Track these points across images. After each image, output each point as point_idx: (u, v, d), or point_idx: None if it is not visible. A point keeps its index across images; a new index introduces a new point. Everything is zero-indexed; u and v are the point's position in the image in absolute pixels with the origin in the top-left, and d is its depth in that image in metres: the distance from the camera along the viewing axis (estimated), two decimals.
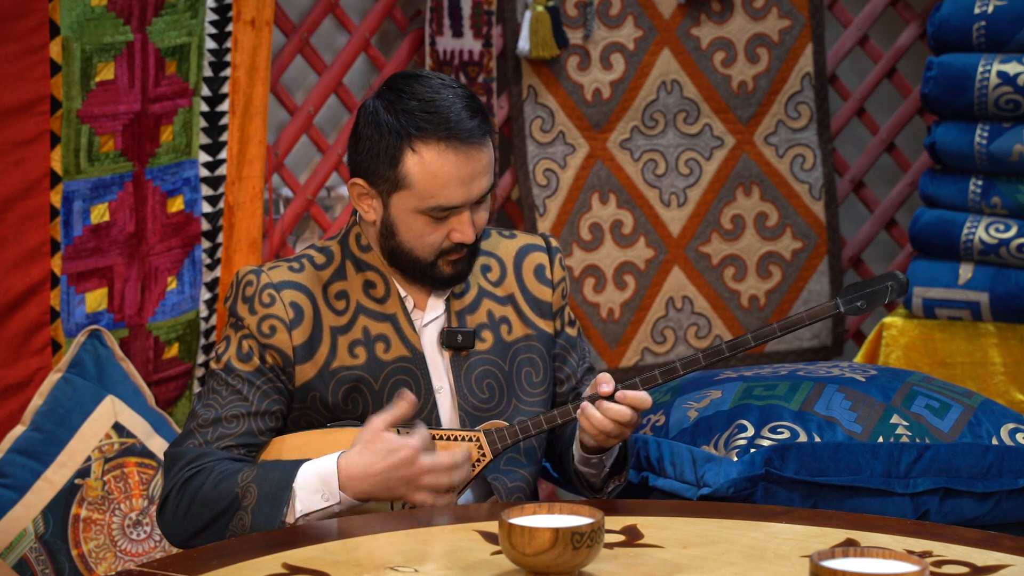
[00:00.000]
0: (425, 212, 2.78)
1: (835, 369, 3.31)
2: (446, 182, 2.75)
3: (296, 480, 2.70)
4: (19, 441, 3.54)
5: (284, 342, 2.81)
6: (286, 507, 2.69)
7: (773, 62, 4.53)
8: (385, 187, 2.79)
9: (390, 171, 2.77)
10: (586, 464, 2.85)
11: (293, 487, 2.70)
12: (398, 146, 2.76)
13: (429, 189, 2.75)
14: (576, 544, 2.28)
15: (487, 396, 2.88)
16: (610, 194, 4.50)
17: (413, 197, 2.77)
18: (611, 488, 2.89)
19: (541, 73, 4.44)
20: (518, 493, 2.88)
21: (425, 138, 2.74)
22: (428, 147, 2.75)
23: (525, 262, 2.98)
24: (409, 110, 2.76)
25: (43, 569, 3.50)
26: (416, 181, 2.76)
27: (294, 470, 2.71)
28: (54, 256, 3.64)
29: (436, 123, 2.74)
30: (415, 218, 2.79)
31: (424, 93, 2.77)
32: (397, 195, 2.78)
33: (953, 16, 4.11)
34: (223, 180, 3.97)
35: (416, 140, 2.75)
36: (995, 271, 4.10)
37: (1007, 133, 4.04)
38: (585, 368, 3.02)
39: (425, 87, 2.78)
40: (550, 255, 3.00)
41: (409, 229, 2.80)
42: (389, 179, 2.78)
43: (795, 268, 4.60)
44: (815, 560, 2.12)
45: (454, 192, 2.76)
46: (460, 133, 2.75)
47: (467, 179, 2.76)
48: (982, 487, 3.10)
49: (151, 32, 3.72)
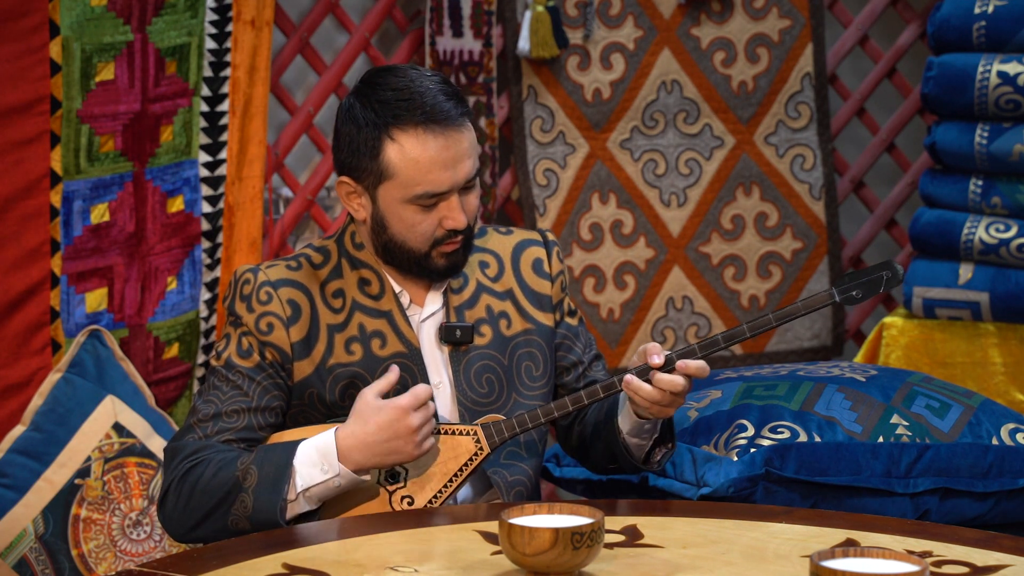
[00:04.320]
0: (412, 201, 2.78)
1: (835, 369, 3.31)
2: (429, 167, 2.75)
3: (296, 457, 2.72)
4: (19, 441, 3.54)
5: (282, 339, 2.82)
6: (287, 485, 2.70)
7: (773, 62, 4.53)
8: (370, 181, 2.80)
9: (372, 163, 2.78)
10: (638, 434, 2.83)
11: (293, 464, 2.71)
12: (377, 137, 2.76)
13: (413, 177, 2.76)
14: (576, 544, 2.28)
15: (486, 391, 2.89)
16: (610, 194, 4.50)
17: (398, 187, 2.77)
18: (660, 457, 2.88)
19: (541, 73, 4.44)
20: (519, 487, 2.88)
21: (403, 125, 2.75)
22: (406, 134, 2.75)
23: (523, 257, 2.98)
24: (384, 100, 2.77)
25: (43, 569, 3.50)
26: (399, 170, 2.76)
27: (293, 448, 2.73)
28: (54, 256, 3.64)
29: (412, 109, 2.75)
30: (404, 208, 2.79)
31: (398, 83, 2.78)
32: (383, 187, 2.79)
33: (953, 16, 4.11)
34: (223, 180, 3.97)
35: (394, 128, 2.76)
36: (995, 271, 4.10)
37: (1007, 133, 4.04)
38: (593, 355, 3.02)
39: (399, 77, 2.79)
40: (547, 249, 3.00)
41: (399, 220, 2.80)
42: (372, 172, 2.78)
43: (795, 268, 4.60)
44: (815, 560, 2.12)
45: (439, 177, 2.76)
46: (437, 116, 2.75)
47: (450, 163, 2.76)
48: (982, 487, 3.10)
49: (151, 32, 3.72)
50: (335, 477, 2.72)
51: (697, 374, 2.69)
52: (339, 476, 2.72)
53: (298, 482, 2.72)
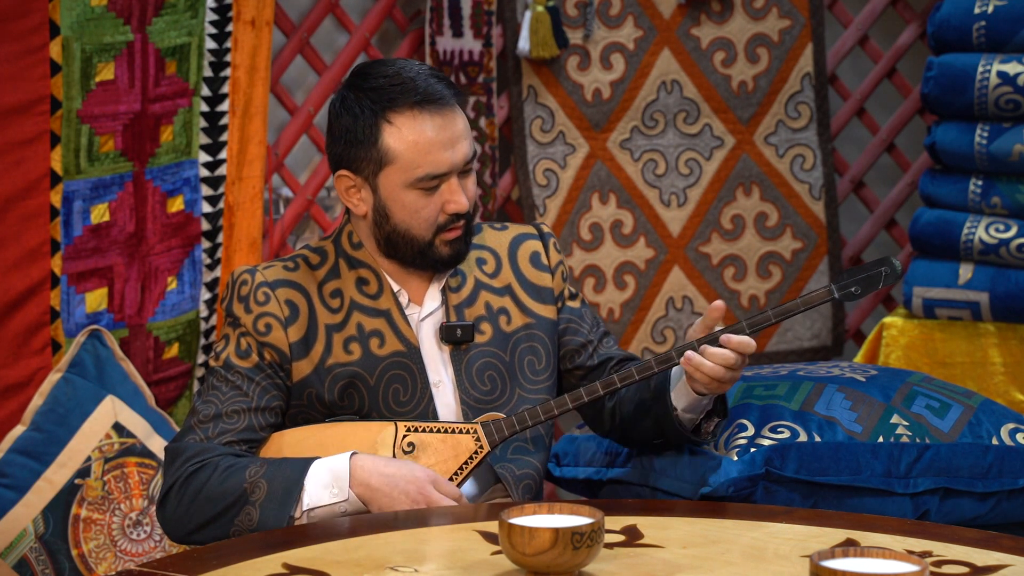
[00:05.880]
0: (414, 185, 2.79)
1: (835, 369, 3.31)
2: (428, 148, 2.77)
3: (307, 475, 2.71)
4: (19, 441, 3.54)
5: (280, 339, 2.82)
6: (295, 503, 2.70)
7: (773, 62, 4.53)
8: (370, 169, 2.81)
9: (371, 150, 2.79)
10: (693, 410, 2.85)
11: (304, 483, 2.71)
12: (374, 123, 2.79)
13: (414, 159, 2.78)
14: (576, 544, 2.28)
15: (489, 388, 2.89)
16: (610, 194, 4.50)
17: (399, 171, 2.79)
18: (712, 427, 2.91)
19: (541, 73, 4.44)
20: (527, 480, 2.89)
21: (399, 108, 2.78)
22: (403, 116, 2.78)
23: (519, 251, 2.99)
24: (378, 87, 2.80)
25: (43, 569, 3.50)
26: (399, 153, 2.78)
27: (306, 467, 2.72)
28: (54, 256, 3.64)
29: (406, 92, 2.78)
30: (406, 194, 2.80)
31: (388, 71, 2.82)
32: (384, 173, 2.80)
33: (953, 16, 4.11)
34: (223, 180, 3.97)
35: (390, 112, 2.78)
36: (995, 271, 4.10)
37: (1007, 133, 4.04)
38: (602, 332, 3.02)
39: (388, 66, 2.83)
40: (544, 241, 3.01)
41: (402, 207, 2.81)
42: (372, 159, 2.80)
43: (795, 268, 4.60)
44: (815, 560, 2.12)
45: (438, 157, 2.78)
46: (431, 97, 2.78)
47: (448, 143, 2.78)
48: (982, 487, 3.10)
49: (151, 32, 3.72)
50: (342, 502, 2.71)
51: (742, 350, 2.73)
52: (347, 502, 2.71)
53: (304, 500, 2.71)
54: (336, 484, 2.71)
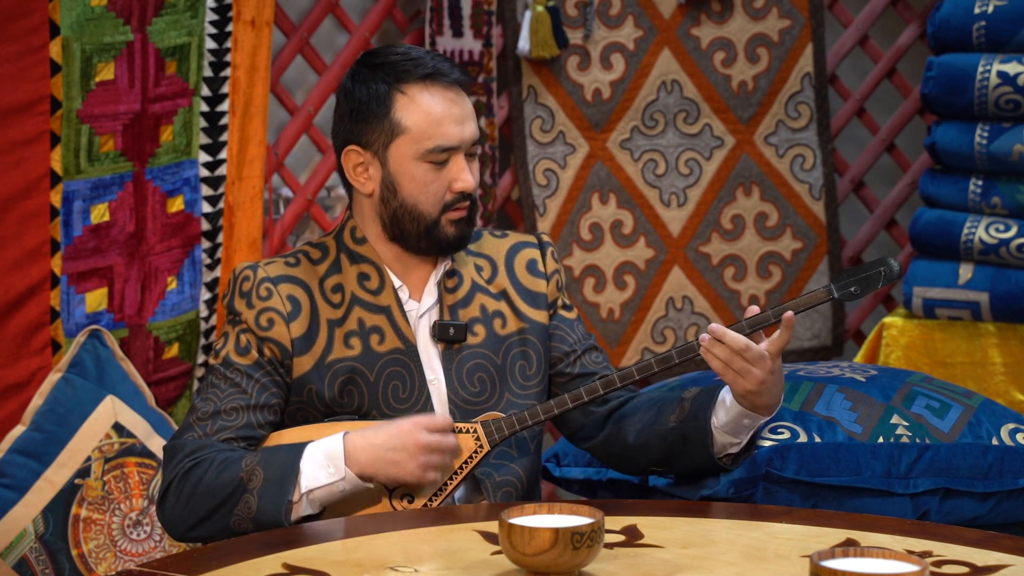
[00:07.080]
0: (424, 157, 2.83)
1: (835, 369, 3.31)
2: (440, 119, 2.82)
3: (302, 458, 2.72)
4: (19, 441, 3.54)
5: (282, 334, 2.83)
6: (293, 485, 2.70)
7: (773, 62, 4.53)
8: (381, 141, 2.85)
9: (383, 121, 2.84)
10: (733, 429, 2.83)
11: (299, 465, 2.71)
12: (387, 92, 2.84)
13: (425, 130, 2.82)
14: (576, 544, 2.28)
15: (478, 389, 2.89)
16: (610, 194, 4.50)
17: (411, 142, 2.83)
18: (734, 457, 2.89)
19: (541, 73, 4.44)
20: (507, 487, 2.88)
21: (411, 80, 2.84)
22: (415, 87, 2.84)
23: (516, 258, 3.00)
24: (390, 62, 2.87)
25: (43, 569, 3.50)
26: (412, 123, 2.83)
27: (300, 449, 2.74)
28: (54, 256, 3.64)
29: (418, 66, 2.85)
30: (416, 166, 2.84)
31: (398, 50, 2.89)
32: (395, 144, 2.84)
33: (953, 16, 4.11)
34: (223, 180, 3.97)
35: (403, 84, 2.84)
36: (995, 271, 4.10)
37: (1007, 133, 4.04)
38: (588, 345, 3.02)
39: (398, 47, 2.91)
40: (542, 250, 3.02)
41: (411, 180, 2.84)
42: (384, 130, 2.84)
43: (795, 268, 4.60)
44: (815, 560, 2.12)
45: (449, 130, 2.83)
46: (442, 73, 2.85)
47: (458, 118, 2.84)
48: (982, 487, 3.10)
49: (151, 32, 3.72)
50: (340, 481, 2.72)
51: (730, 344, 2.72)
52: (344, 480, 2.72)
53: (303, 483, 2.72)
54: (332, 463, 2.72)
